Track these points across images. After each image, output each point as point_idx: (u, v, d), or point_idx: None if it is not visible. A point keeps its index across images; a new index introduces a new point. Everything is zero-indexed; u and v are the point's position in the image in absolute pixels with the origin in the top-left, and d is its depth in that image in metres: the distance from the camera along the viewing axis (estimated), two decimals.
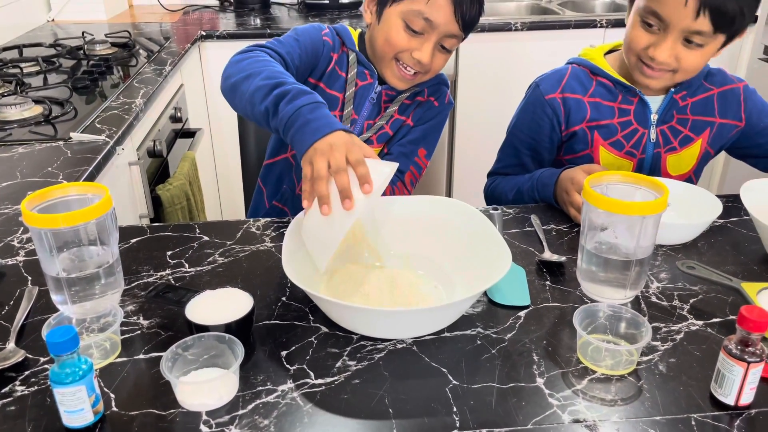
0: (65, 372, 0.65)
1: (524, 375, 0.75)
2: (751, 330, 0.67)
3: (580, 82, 1.25)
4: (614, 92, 1.23)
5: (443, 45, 1.12)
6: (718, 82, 1.24)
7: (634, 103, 1.22)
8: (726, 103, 1.24)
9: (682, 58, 1.11)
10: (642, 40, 1.12)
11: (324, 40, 1.19)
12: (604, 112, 1.23)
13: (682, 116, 1.23)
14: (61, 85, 1.72)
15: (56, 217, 0.76)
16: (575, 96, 1.24)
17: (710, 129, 1.24)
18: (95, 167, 1.25)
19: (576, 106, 1.23)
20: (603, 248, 0.86)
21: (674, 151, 1.24)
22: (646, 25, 1.11)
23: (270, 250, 1.02)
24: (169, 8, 2.81)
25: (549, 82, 1.27)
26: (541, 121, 1.27)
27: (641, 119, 1.22)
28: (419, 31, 1.09)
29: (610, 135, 1.23)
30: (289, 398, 0.72)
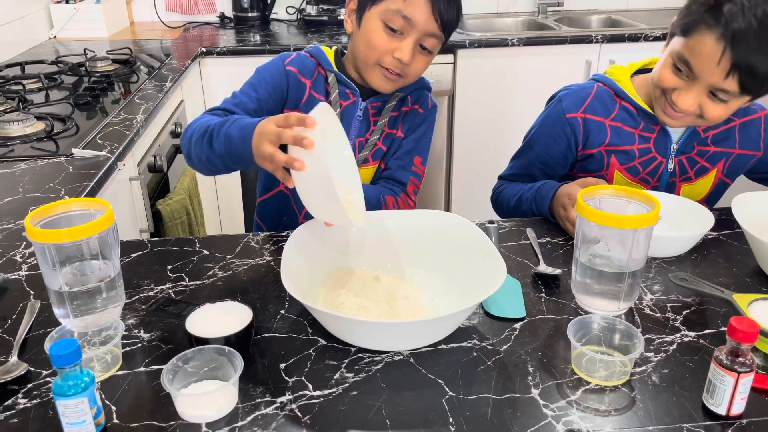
0: (68, 384, 0.67)
1: (519, 386, 0.77)
2: (741, 341, 0.68)
3: (604, 104, 1.23)
4: (637, 119, 1.22)
5: (423, 45, 1.12)
6: (740, 113, 1.22)
7: (655, 131, 1.21)
8: (747, 134, 1.23)
9: (706, 109, 1.10)
10: (669, 82, 1.11)
11: (287, 70, 1.19)
12: (625, 138, 1.22)
13: (703, 147, 1.22)
14: (63, 102, 1.75)
15: (59, 232, 0.78)
16: (597, 118, 1.23)
17: (725, 159, 1.23)
18: (96, 182, 1.26)
19: (596, 128, 1.23)
20: (596, 261, 0.88)
21: (689, 181, 1.24)
22: (677, 69, 1.10)
23: (269, 263, 1.03)
24: (170, 25, 2.84)
25: (572, 100, 1.25)
26: (559, 138, 1.26)
27: (661, 148, 1.21)
28: (399, 30, 1.10)
29: (627, 160, 1.22)
30: (287, 410, 0.73)
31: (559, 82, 2.70)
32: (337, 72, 1.21)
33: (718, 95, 1.08)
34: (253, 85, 1.19)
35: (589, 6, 3.05)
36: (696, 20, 1.05)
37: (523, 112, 2.62)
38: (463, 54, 2.49)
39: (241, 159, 0.96)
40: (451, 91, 2.56)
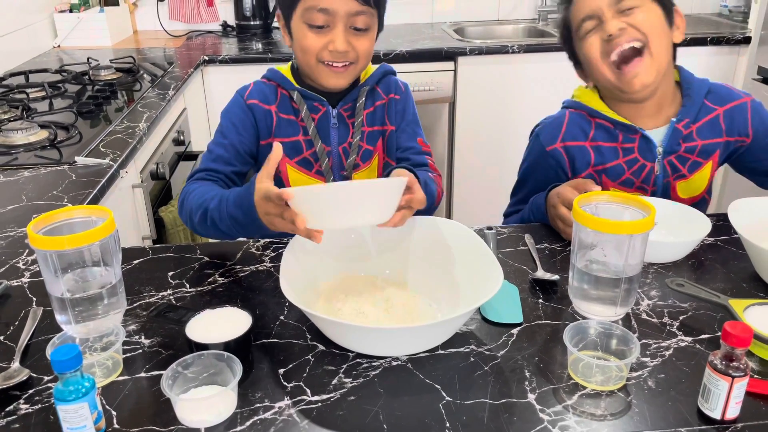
0: (68, 389, 0.67)
1: (516, 391, 0.77)
2: (735, 345, 0.69)
3: (581, 128, 1.24)
4: (614, 133, 1.22)
5: (356, 27, 1.10)
6: (721, 100, 1.23)
7: (636, 140, 1.21)
8: (733, 121, 1.22)
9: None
10: (594, 47, 1.17)
11: (249, 104, 1.18)
12: (607, 155, 1.23)
13: (690, 144, 1.21)
14: (67, 110, 1.76)
15: (61, 239, 0.79)
16: (577, 143, 1.24)
17: (719, 149, 1.23)
18: (99, 190, 1.28)
19: (579, 153, 1.24)
20: (593, 266, 0.88)
21: (683, 178, 1.24)
22: (587, 32, 1.18)
23: (269, 270, 1.04)
24: (173, 34, 2.87)
25: (548, 132, 1.27)
26: (547, 171, 1.27)
27: (646, 154, 1.22)
28: (323, 25, 1.09)
29: (617, 176, 1.23)
30: (286, 414, 0.74)
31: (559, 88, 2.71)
32: (299, 88, 1.18)
33: (627, 9, 1.14)
34: (222, 133, 1.19)
35: None
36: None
37: (523, 119, 2.63)
38: (464, 61, 2.51)
39: (258, 231, 1.00)
40: (451, 98, 2.57)
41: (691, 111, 1.21)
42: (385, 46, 2.52)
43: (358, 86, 1.21)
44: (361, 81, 1.22)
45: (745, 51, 2.59)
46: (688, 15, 3.10)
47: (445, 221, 0.99)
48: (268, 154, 1.05)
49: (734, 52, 2.62)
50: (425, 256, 0.99)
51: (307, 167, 1.21)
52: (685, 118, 1.21)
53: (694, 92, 1.22)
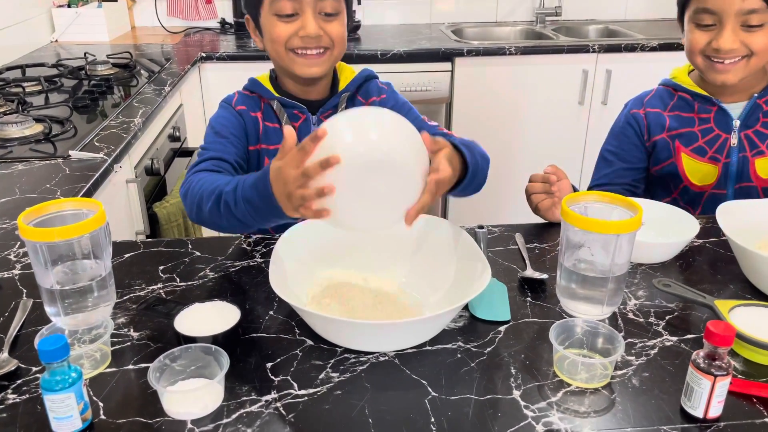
0: (55, 379, 0.68)
1: (501, 387, 0.78)
2: (718, 344, 0.70)
3: (662, 99, 1.34)
4: (692, 103, 1.29)
5: (326, 12, 1.09)
6: None
7: (712, 111, 1.27)
8: None
9: (750, 42, 1.16)
10: (701, 40, 1.19)
11: (238, 110, 1.17)
12: (684, 122, 1.30)
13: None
14: (62, 104, 1.77)
15: (51, 231, 0.79)
16: (655, 110, 1.34)
17: None
18: (92, 184, 1.28)
19: (656, 119, 1.33)
20: (580, 265, 0.89)
21: (762, 155, 1.26)
22: (701, 26, 1.18)
23: (260, 265, 1.05)
24: (171, 30, 2.87)
25: (635, 101, 1.39)
26: (627, 131, 1.37)
27: (722, 125, 1.26)
28: (293, 13, 1.08)
29: (691, 142, 1.29)
30: (272, 408, 0.75)
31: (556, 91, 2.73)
32: (279, 97, 1.17)
33: (752, 22, 1.13)
34: (217, 133, 1.15)
35: (587, 16, 3.07)
36: None
37: (520, 120, 2.64)
38: (461, 62, 2.52)
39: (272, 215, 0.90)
40: (448, 98, 2.58)
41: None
42: (382, 45, 2.52)
43: (338, 93, 1.19)
44: (341, 87, 1.20)
45: None
46: None
47: (437, 219, 1.00)
48: (255, 161, 1.03)
49: None
50: (415, 253, 0.99)
51: None
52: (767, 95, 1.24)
53: None
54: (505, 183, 2.65)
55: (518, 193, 1.43)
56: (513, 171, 2.63)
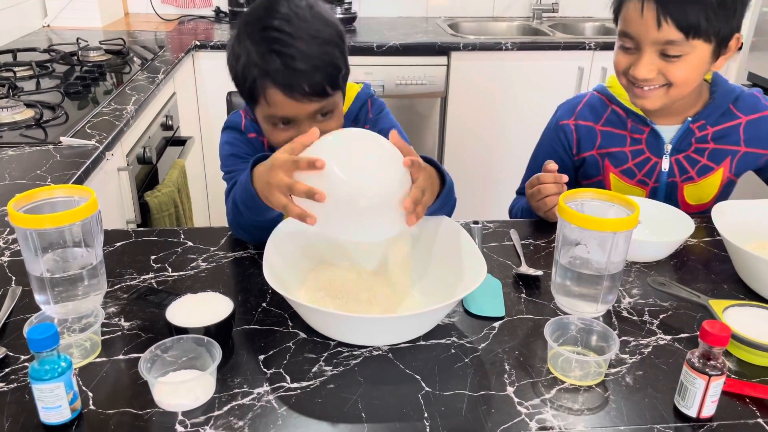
0: (44, 369, 0.67)
1: (495, 383, 0.77)
2: (713, 344, 0.69)
3: (594, 111, 1.28)
4: (625, 121, 1.24)
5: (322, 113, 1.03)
6: (748, 109, 1.21)
7: (645, 132, 1.22)
8: (755, 131, 1.21)
9: (667, 73, 1.10)
10: (622, 62, 1.15)
11: (249, 138, 1.14)
12: (615, 140, 1.25)
13: (701, 145, 1.21)
14: (54, 90, 1.74)
15: (42, 218, 0.78)
16: (587, 123, 1.28)
17: (731, 157, 1.22)
18: (84, 171, 1.26)
19: (587, 133, 1.27)
20: (576, 263, 0.88)
21: (692, 180, 1.23)
22: (624, 49, 1.14)
23: (253, 257, 1.04)
24: (165, 17, 2.84)
25: (565, 108, 1.32)
26: (555, 144, 1.32)
27: (654, 149, 1.22)
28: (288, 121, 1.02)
29: (620, 163, 1.25)
30: (264, 401, 0.74)
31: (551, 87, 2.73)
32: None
33: (670, 51, 1.08)
34: (235, 156, 1.12)
35: (583, 13, 3.07)
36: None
37: (514, 115, 2.64)
38: (457, 56, 2.51)
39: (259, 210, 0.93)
40: (444, 92, 2.57)
41: (712, 114, 1.20)
42: (378, 38, 2.51)
43: None
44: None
45: (737, 56, 2.60)
46: None
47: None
48: None
49: None
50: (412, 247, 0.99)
51: None
52: (702, 120, 1.20)
53: (719, 96, 1.20)
54: (499, 178, 2.65)
55: (512, 188, 1.43)
56: (506, 166, 2.63)
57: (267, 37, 0.97)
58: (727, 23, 1.07)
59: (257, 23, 0.99)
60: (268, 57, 0.97)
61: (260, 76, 0.98)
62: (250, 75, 0.99)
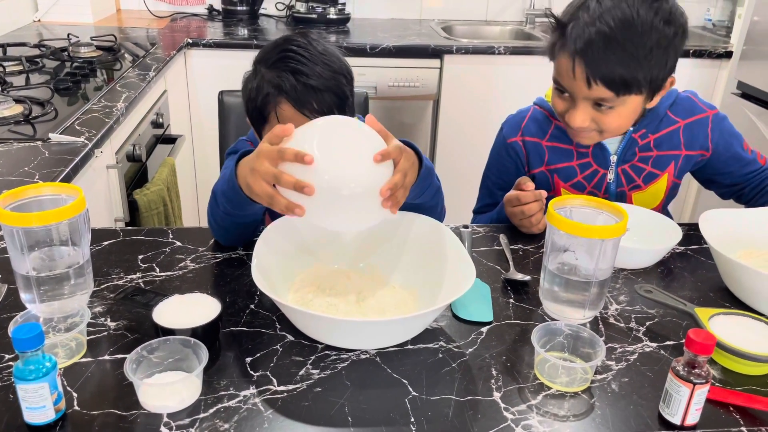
0: (29, 369, 0.66)
1: (482, 389, 0.78)
2: (698, 352, 0.70)
3: (539, 126, 1.28)
4: (569, 137, 1.24)
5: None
6: (685, 113, 1.24)
7: (591, 146, 1.23)
8: (693, 135, 1.23)
9: (600, 121, 1.12)
10: (559, 106, 1.16)
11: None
12: (562, 156, 1.26)
13: (645, 153, 1.23)
14: (43, 86, 1.73)
15: (29, 216, 0.77)
16: (534, 139, 1.28)
17: (674, 162, 1.24)
18: (72, 169, 1.25)
19: (535, 149, 1.28)
20: (564, 269, 0.89)
21: (639, 189, 1.25)
22: (559, 92, 1.14)
23: (242, 258, 1.03)
24: (157, 14, 2.83)
25: (510, 125, 1.32)
26: (507, 162, 1.32)
27: (600, 161, 1.24)
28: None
29: (569, 177, 1.26)
30: (250, 403, 0.74)
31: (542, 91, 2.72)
32: None
33: (603, 104, 1.09)
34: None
35: None
36: (552, 43, 1.13)
37: None
38: (450, 60, 2.51)
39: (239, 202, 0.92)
40: (436, 95, 2.57)
41: (652, 122, 1.22)
42: (371, 39, 2.51)
43: None
44: None
45: (727, 65, 2.63)
46: None
47: (422, 217, 0.99)
48: None
49: (716, 65, 2.65)
50: (400, 251, 0.99)
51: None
52: (643, 129, 1.22)
53: (657, 105, 1.21)
54: None
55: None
56: None
57: (283, 58, 1.04)
58: (659, 73, 1.08)
59: (273, 52, 1.06)
60: (283, 75, 1.03)
61: (273, 92, 1.04)
62: (263, 92, 1.05)
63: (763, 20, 2.37)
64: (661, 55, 1.07)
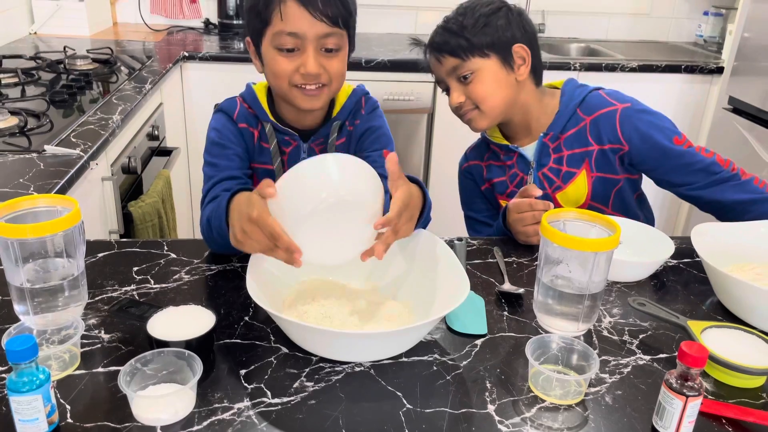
0: (22, 381, 0.66)
1: (476, 401, 0.78)
2: (691, 365, 0.70)
3: (479, 151, 1.44)
4: (497, 153, 1.38)
5: (326, 48, 1.07)
6: (590, 110, 1.28)
7: (514, 157, 1.34)
8: (599, 129, 1.26)
9: (470, 94, 1.26)
10: (453, 100, 1.29)
11: (240, 128, 1.16)
12: (495, 172, 1.39)
13: (557, 155, 1.30)
14: (39, 98, 1.73)
15: (24, 228, 0.77)
16: (475, 162, 1.44)
17: (588, 158, 1.28)
18: (67, 181, 1.25)
19: (477, 170, 1.44)
20: (558, 282, 0.89)
21: (560, 189, 1.31)
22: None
23: (236, 270, 1.03)
24: (154, 28, 2.84)
25: (463, 156, 1.49)
26: (468, 185, 1.48)
27: (523, 168, 1.34)
28: (293, 48, 1.06)
29: (504, 189, 1.38)
30: (244, 416, 0.73)
31: None
32: (273, 122, 1.17)
33: (461, 74, 1.25)
34: (221, 145, 1.14)
35: (569, 34, 3.11)
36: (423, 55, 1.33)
37: None
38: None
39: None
40: (430, 109, 2.59)
41: (558, 124, 1.29)
42: (367, 54, 2.53)
43: (330, 121, 1.18)
44: (335, 113, 1.19)
45: (718, 80, 2.66)
46: (665, 42, 3.17)
47: (418, 231, 0.99)
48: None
49: (707, 81, 2.68)
50: (394, 263, 0.99)
51: None
52: (551, 132, 1.29)
53: (564, 105, 1.29)
54: None
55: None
56: None
57: None
58: (485, 37, 1.23)
59: None
60: None
61: None
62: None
63: (754, 36, 2.40)
64: (481, 23, 1.24)
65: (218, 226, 0.95)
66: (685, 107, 2.72)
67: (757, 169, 2.35)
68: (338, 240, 0.85)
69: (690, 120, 2.73)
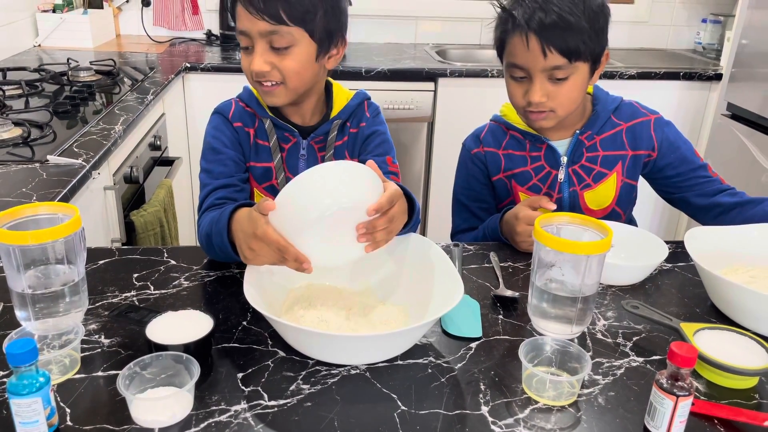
0: (22, 383, 0.67)
1: (470, 403, 0.79)
2: (680, 365, 0.71)
3: (495, 137, 1.37)
4: (523, 143, 1.33)
5: (273, 46, 1.07)
6: (627, 117, 1.31)
7: (542, 149, 1.31)
8: (636, 136, 1.30)
9: (555, 95, 1.19)
10: (517, 92, 1.23)
11: (235, 127, 1.19)
12: (517, 162, 1.34)
13: (592, 154, 1.30)
14: (43, 109, 1.76)
15: (25, 234, 0.79)
16: (491, 149, 1.37)
17: (623, 162, 1.30)
18: (70, 190, 1.27)
19: (492, 158, 1.36)
20: (551, 285, 0.90)
21: (589, 187, 1.31)
22: (515, 79, 1.21)
23: (235, 275, 1.05)
24: (156, 39, 2.87)
25: (471, 139, 1.41)
26: (474, 171, 1.39)
27: (552, 162, 1.31)
28: (247, 46, 1.09)
29: (525, 181, 1.33)
30: (241, 418, 0.75)
31: None
32: (272, 117, 1.18)
33: (557, 75, 1.17)
34: (215, 149, 1.18)
35: None
36: (500, 31, 1.23)
37: None
38: (444, 83, 2.55)
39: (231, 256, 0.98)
40: (430, 117, 2.61)
41: (596, 124, 1.29)
42: (367, 63, 2.55)
43: (331, 119, 1.20)
44: (334, 113, 1.20)
45: (717, 87, 2.67)
46: (663, 50, 3.19)
47: (412, 235, 1.01)
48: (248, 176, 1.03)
49: (706, 87, 2.70)
50: (391, 268, 1.00)
51: (275, 194, 1.20)
52: (589, 131, 1.29)
53: (601, 108, 1.30)
54: None
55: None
56: None
57: None
58: (599, 42, 1.18)
59: None
60: None
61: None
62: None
63: (752, 43, 2.41)
64: (602, 24, 1.18)
65: (220, 242, 0.98)
66: (685, 114, 2.73)
67: (756, 174, 2.36)
68: (342, 244, 0.87)
69: (689, 126, 2.74)
